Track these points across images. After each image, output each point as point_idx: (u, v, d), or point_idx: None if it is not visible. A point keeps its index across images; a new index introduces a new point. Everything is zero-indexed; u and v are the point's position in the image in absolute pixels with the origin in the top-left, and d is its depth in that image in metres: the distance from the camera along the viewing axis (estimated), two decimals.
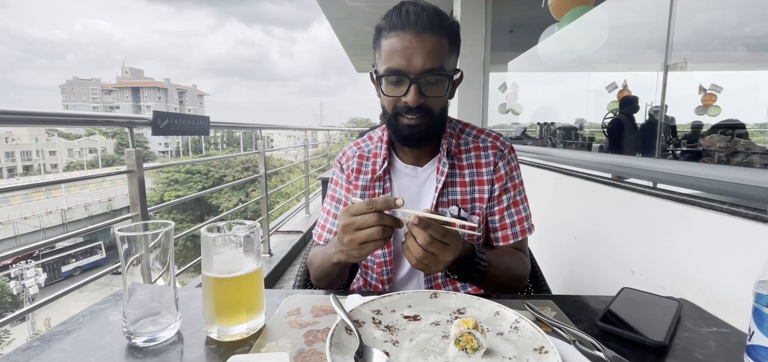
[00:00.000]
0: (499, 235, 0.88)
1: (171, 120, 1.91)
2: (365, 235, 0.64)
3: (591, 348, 0.52)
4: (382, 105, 0.84)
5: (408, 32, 0.74)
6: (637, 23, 2.63)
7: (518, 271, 0.85)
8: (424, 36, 0.74)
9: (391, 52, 0.75)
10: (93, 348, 0.55)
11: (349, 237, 0.66)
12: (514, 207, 0.88)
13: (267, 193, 3.41)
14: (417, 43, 0.74)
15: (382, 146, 0.91)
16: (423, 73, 0.75)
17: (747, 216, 0.82)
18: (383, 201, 0.64)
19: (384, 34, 0.78)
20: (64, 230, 28.39)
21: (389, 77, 0.77)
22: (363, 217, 0.64)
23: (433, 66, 0.75)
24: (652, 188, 1.16)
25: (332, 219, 0.94)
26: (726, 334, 0.59)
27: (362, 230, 0.64)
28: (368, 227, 0.64)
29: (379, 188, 0.89)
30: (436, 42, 0.75)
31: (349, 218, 0.65)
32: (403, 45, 0.74)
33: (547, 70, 3.87)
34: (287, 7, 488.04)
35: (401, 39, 0.74)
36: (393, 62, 0.75)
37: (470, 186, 0.87)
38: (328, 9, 5.05)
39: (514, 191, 0.89)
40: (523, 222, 0.89)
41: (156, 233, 0.54)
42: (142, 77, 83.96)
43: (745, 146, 1.83)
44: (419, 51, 0.74)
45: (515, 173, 0.90)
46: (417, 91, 0.75)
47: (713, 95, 2.25)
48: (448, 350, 0.51)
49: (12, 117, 1.34)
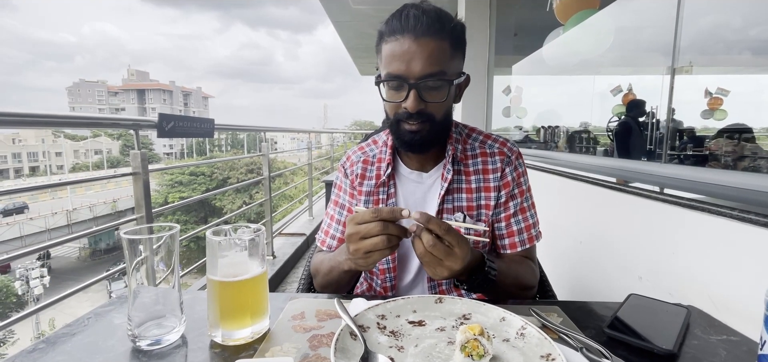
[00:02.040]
0: (506, 242, 0.86)
1: (176, 122, 1.92)
2: (370, 244, 0.64)
3: (598, 356, 0.51)
4: (385, 111, 0.83)
5: (407, 36, 0.73)
6: (642, 26, 2.62)
7: (527, 280, 0.83)
8: (423, 40, 0.73)
9: (391, 56, 0.75)
10: (98, 350, 0.55)
11: (354, 246, 0.65)
12: (522, 214, 0.86)
13: (270, 195, 3.42)
14: (416, 47, 0.73)
15: (387, 150, 0.90)
16: (422, 78, 0.73)
17: (757, 223, 0.81)
18: (389, 212, 0.64)
19: (385, 39, 0.77)
20: (70, 232, 28.58)
21: (389, 83, 0.76)
22: (368, 226, 0.64)
23: (432, 71, 0.73)
24: (658, 192, 1.15)
25: (336, 225, 0.93)
26: (736, 342, 0.58)
27: (367, 240, 0.64)
28: (373, 237, 0.63)
29: (383, 194, 0.88)
30: (436, 46, 0.74)
31: (354, 228, 0.65)
32: (402, 50, 0.73)
33: (552, 74, 3.86)
34: (292, 11, 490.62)
35: (400, 44, 0.73)
36: (392, 67, 0.74)
37: (476, 193, 0.85)
38: (332, 12, 5.07)
39: (522, 197, 0.87)
40: (531, 229, 0.87)
41: (161, 236, 0.54)
42: (147, 79, 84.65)
43: (752, 151, 1.81)
44: (418, 56, 0.73)
45: (523, 178, 0.89)
46: (416, 96, 0.74)
47: (719, 99, 2.23)
48: (454, 356, 0.51)
49: (19, 119, 1.35)
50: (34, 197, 30.65)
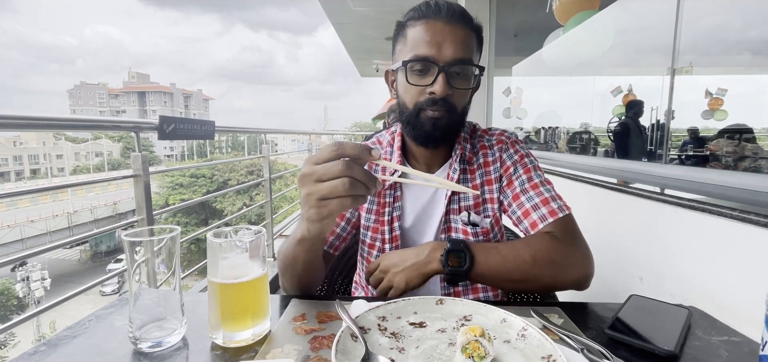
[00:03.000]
0: (526, 223, 0.78)
1: (177, 125, 1.93)
2: (327, 188, 0.50)
3: (599, 357, 0.51)
4: (401, 102, 0.80)
5: (439, 20, 0.71)
6: (642, 27, 2.62)
7: (547, 255, 0.70)
8: (455, 25, 0.71)
9: (419, 39, 0.72)
10: (99, 352, 0.55)
11: (307, 190, 0.52)
12: (533, 190, 0.79)
13: (271, 197, 3.42)
14: (449, 30, 0.71)
15: (394, 152, 0.87)
16: (453, 63, 0.71)
17: (758, 223, 0.81)
18: (354, 147, 0.51)
19: (410, 24, 0.74)
20: (71, 234, 28.62)
21: (415, 66, 0.73)
22: (326, 165, 0.50)
23: (463, 56, 0.71)
24: (659, 193, 1.15)
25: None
26: (738, 343, 0.58)
27: (324, 182, 0.50)
28: (332, 178, 0.50)
29: (389, 197, 0.86)
30: (466, 34, 0.73)
31: (309, 167, 0.52)
32: (434, 31, 0.71)
33: (552, 75, 3.87)
34: (293, 13, 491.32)
35: (431, 26, 0.71)
36: (421, 49, 0.71)
37: (481, 187, 0.84)
38: (332, 14, 5.08)
39: (527, 174, 0.81)
40: (550, 203, 0.77)
41: (162, 238, 0.55)
42: (148, 82, 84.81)
43: (752, 151, 1.81)
44: (450, 39, 0.71)
45: (526, 160, 0.84)
46: (445, 80, 0.71)
47: (720, 100, 2.23)
48: (455, 358, 0.51)
49: (20, 122, 1.35)
50: (34, 200, 30.68)
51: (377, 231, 0.86)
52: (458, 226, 0.83)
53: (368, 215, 0.88)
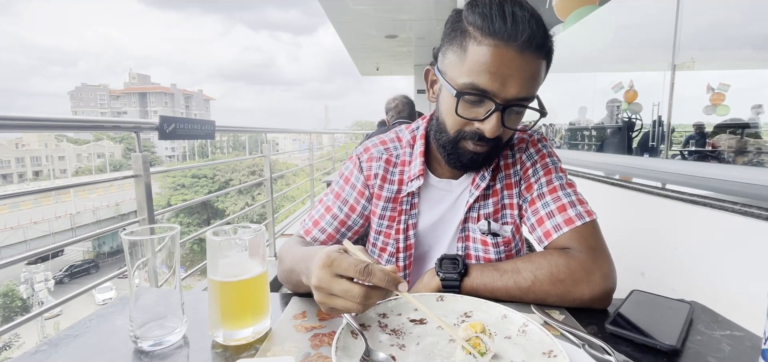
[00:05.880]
0: (539, 233, 0.71)
1: (177, 125, 1.93)
2: (341, 305, 0.51)
3: (601, 352, 0.51)
4: (441, 120, 0.70)
5: (511, 48, 0.59)
6: (643, 23, 2.61)
7: (544, 274, 0.65)
8: (527, 55, 0.59)
9: (482, 67, 0.60)
10: (100, 351, 0.55)
11: (320, 299, 0.53)
12: (551, 194, 0.72)
13: (272, 196, 3.43)
14: (519, 64, 0.59)
15: (415, 156, 0.78)
16: (515, 102, 0.61)
17: (760, 217, 0.81)
18: (383, 277, 0.50)
19: (476, 37, 0.61)
20: (73, 235, 28.69)
21: (469, 97, 0.62)
22: (346, 288, 0.50)
23: (528, 94, 0.61)
24: (660, 188, 1.14)
25: (330, 219, 0.82)
26: (740, 337, 0.57)
27: (339, 300, 0.51)
28: (350, 300, 0.50)
29: (406, 204, 0.79)
30: (537, 66, 0.61)
31: (329, 276, 0.51)
32: (502, 62, 0.59)
33: (552, 71, 3.85)
34: (294, 13, 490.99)
35: (500, 55, 0.59)
36: (481, 80, 0.60)
37: (501, 192, 0.78)
38: (332, 14, 5.08)
39: (547, 177, 0.74)
40: (567, 210, 0.69)
41: (162, 237, 0.55)
42: (149, 83, 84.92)
43: (755, 146, 1.80)
44: (517, 76, 0.60)
45: (548, 160, 0.76)
46: (499, 120, 0.62)
47: (721, 94, 2.22)
48: (456, 354, 0.51)
49: (22, 123, 1.36)
50: (37, 201, 30.80)
51: (390, 237, 0.82)
52: (476, 236, 0.78)
53: (381, 220, 0.82)
